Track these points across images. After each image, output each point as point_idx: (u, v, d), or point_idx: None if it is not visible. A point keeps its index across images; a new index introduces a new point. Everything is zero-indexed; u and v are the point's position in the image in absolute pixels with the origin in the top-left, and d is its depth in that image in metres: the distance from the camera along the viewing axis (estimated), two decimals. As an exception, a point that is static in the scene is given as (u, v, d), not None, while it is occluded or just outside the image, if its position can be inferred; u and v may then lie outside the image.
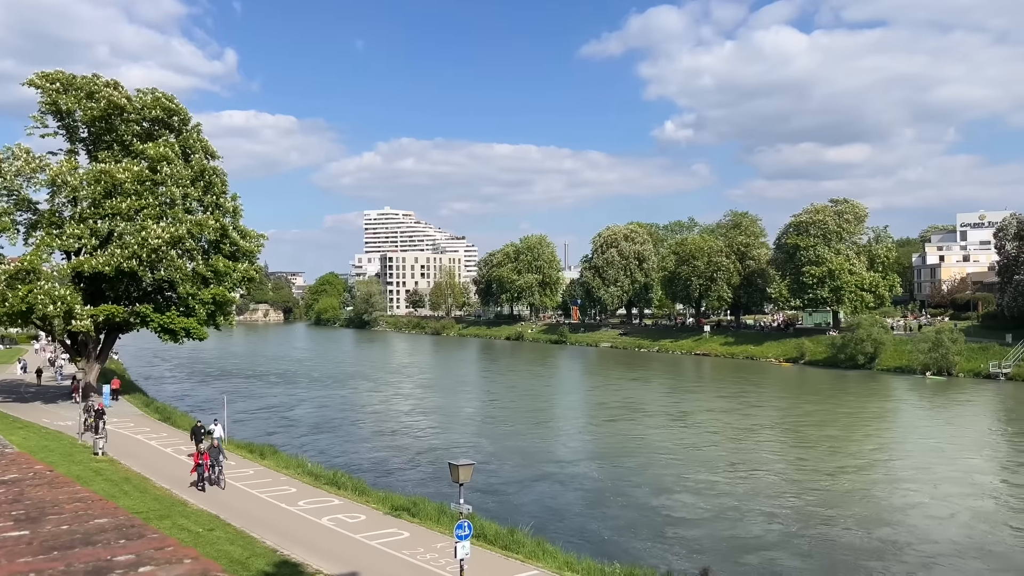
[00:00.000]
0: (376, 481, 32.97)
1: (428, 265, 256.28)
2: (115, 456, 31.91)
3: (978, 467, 38.09)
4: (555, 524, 27.32)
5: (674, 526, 28.34)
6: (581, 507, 31.11)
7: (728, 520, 29.02)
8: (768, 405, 60.34)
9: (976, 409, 57.27)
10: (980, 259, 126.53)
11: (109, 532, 8.25)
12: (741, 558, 24.80)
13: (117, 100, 46.66)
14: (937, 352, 73.74)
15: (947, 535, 27.32)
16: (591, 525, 28.47)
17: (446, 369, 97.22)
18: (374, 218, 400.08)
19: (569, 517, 29.50)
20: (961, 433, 48.11)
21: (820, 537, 27.05)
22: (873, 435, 47.81)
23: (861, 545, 26.18)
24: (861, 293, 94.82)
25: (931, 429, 49.74)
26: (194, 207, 49.02)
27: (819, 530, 27.83)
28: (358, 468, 36.66)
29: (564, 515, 29.73)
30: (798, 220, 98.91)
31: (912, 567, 24.14)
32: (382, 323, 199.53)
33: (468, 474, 15.99)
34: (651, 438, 46.54)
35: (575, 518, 29.49)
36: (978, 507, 30.93)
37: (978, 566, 24.29)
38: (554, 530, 25.26)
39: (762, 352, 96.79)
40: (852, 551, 25.55)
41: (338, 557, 20.08)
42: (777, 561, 24.70)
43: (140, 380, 69.07)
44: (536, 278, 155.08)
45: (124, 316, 46.88)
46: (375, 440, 46.16)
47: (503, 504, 30.21)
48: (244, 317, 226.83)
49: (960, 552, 25.51)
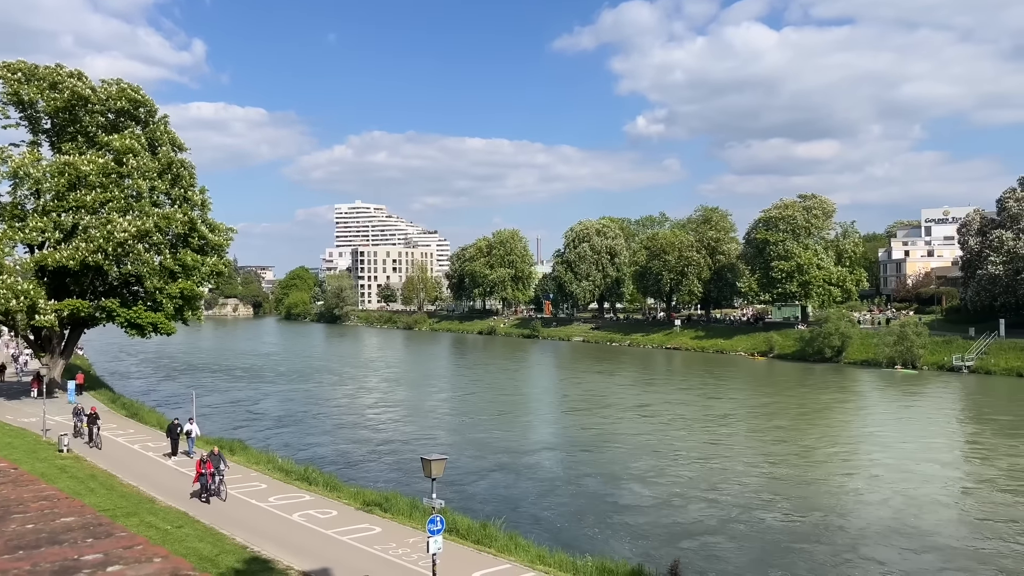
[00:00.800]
0: (341, 473, 32.96)
1: (400, 259, 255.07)
2: (81, 453, 31.43)
3: (918, 455, 39.08)
4: (507, 512, 27.69)
5: (619, 513, 29.11)
6: (534, 496, 31.73)
7: (671, 507, 29.99)
8: (726, 397, 61.16)
9: (931, 401, 58.30)
10: (944, 254, 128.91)
11: (76, 531, 8.08)
12: (679, 543, 25.52)
13: (81, 91, 45.85)
14: (902, 345, 75.03)
15: (876, 518, 28.37)
16: (542, 513, 29.15)
17: (416, 364, 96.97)
18: (345, 212, 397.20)
19: (522, 505, 30.05)
20: (910, 424, 49.14)
21: (756, 522, 28.01)
22: (822, 426, 48.77)
23: (794, 529, 27.29)
24: (829, 287, 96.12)
25: (881, 420, 50.82)
26: (161, 200, 48.36)
27: (756, 515, 28.78)
28: (324, 461, 36.66)
29: (517, 503, 30.31)
30: (767, 215, 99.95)
31: (839, 548, 25.08)
32: (353, 318, 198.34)
33: (440, 469, 15.95)
34: (608, 429, 47.19)
35: (528, 506, 30.05)
36: (911, 492, 32.06)
37: (901, 545, 25.36)
38: (506, 518, 25.70)
39: (732, 346, 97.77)
40: (785, 534, 26.61)
41: (309, 553, 19.96)
42: (713, 545, 25.53)
43: (106, 376, 68.01)
44: (508, 272, 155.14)
45: (89, 311, 46.13)
46: (341, 434, 45.99)
47: (459, 493, 30.66)
48: (213, 312, 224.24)
49: (886, 534, 26.57)
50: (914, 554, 24.55)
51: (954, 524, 27.91)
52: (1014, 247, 75.04)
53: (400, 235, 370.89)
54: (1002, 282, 75.60)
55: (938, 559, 24.23)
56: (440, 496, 16.09)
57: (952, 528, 27.40)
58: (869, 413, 54.28)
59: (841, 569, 23.28)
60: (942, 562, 23.96)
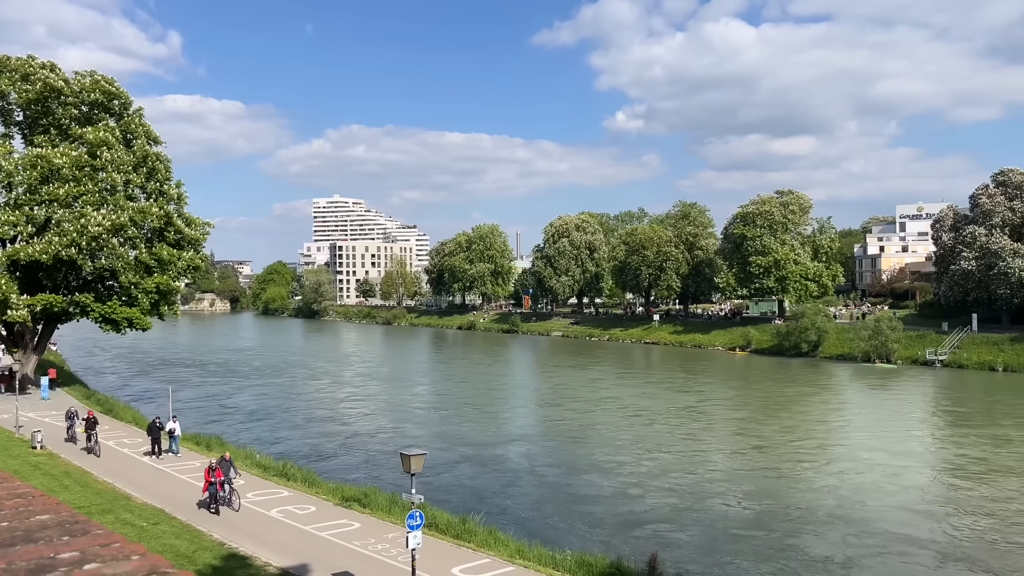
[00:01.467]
0: (315, 467, 32.90)
1: (379, 254, 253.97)
2: (55, 450, 31.05)
3: (876, 446, 39.99)
4: (472, 503, 28.24)
5: (578, 503, 29.77)
6: (497, 487, 32.33)
7: (628, 497, 30.75)
8: (695, 391, 61.75)
9: (900, 395, 59.09)
10: (918, 250, 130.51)
11: (52, 529, 7.95)
12: (632, 531, 26.35)
13: (54, 83, 45.17)
14: (877, 340, 75.93)
15: (823, 505, 29.40)
16: (504, 502, 29.70)
17: (393, 359, 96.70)
18: (323, 206, 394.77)
19: (487, 496, 30.48)
20: (873, 417, 49.97)
21: (708, 510, 28.90)
22: (785, 418, 49.49)
23: (743, 516, 28.24)
24: (805, 283, 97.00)
25: (846, 412, 51.73)
26: (136, 194, 47.81)
27: (708, 504, 29.69)
28: (297, 455, 36.71)
29: (481, 494, 30.76)
30: (745, 211, 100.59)
31: (784, 534, 26.04)
32: (332, 313, 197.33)
33: (420, 464, 15.92)
34: (576, 422, 47.88)
35: (491, 497, 30.51)
36: (860, 481, 33.11)
37: (843, 531, 26.28)
38: (470, 507, 26.63)
39: (709, 341, 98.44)
40: (734, 522, 27.52)
41: (288, 549, 19.86)
42: (663, 533, 26.32)
43: (80, 371, 67.19)
44: (488, 267, 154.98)
45: (63, 306, 45.53)
46: (315, 428, 45.89)
47: (424, 485, 30.60)
48: (189, 307, 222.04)
49: (829, 520, 27.52)
50: (855, 539, 25.51)
51: (897, 511, 28.73)
52: (986, 243, 76.11)
53: (379, 230, 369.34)
54: (974, 277, 76.67)
55: (877, 543, 25.10)
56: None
57: (894, 514, 28.26)
58: (835, 406, 55.15)
59: (784, 553, 24.18)
60: (880, 546, 24.79)
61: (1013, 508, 28.94)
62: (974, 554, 24.13)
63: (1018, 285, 73.46)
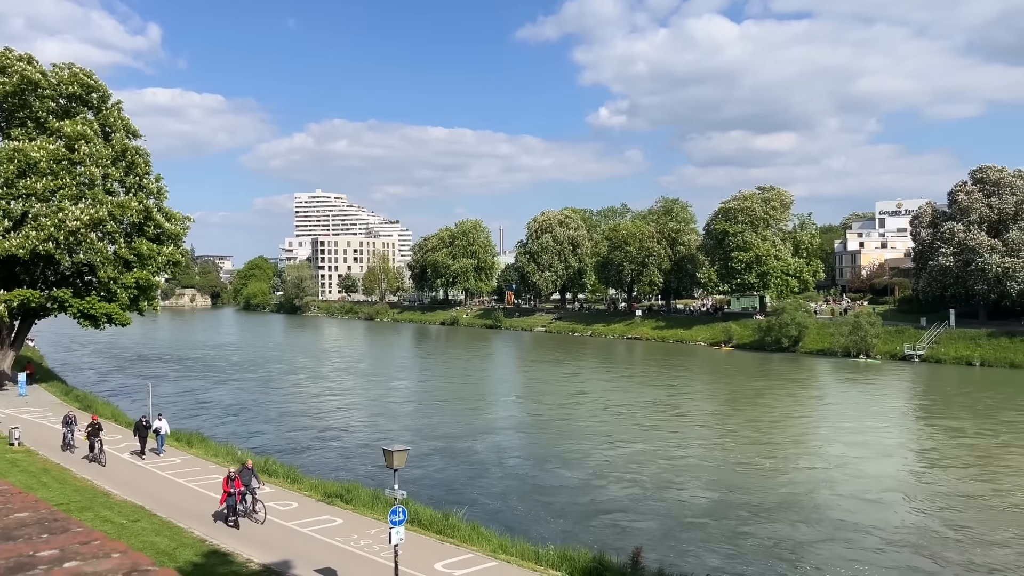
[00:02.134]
0: (292, 461, 32.94)
1: (361, 249, 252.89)
2: (32, 446, 30.70)
3: (840, 439, 40.88)
4: (440, 494, 28.61)
5: (541, 493, 30.48)
6: (465, 478, 32.95)
7: (592, 487, 31.56)
8: (664, 384, 62.40)
9: (873, 389, 59.88)
10: (897, 246, 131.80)
11: (31, 526, 7.67)
12: (592, 520, 27.16)
13: (31, 75, 44.54)
14: (856, 335, 76.64)
15: (777, 494, 30.40)
16: (471, 493, 30.20)
17: (375, 355, 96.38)
18: (305, 201, 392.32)
19: (455, 487, 30.90)
20: (842, 410, 50.79)
21: (667, 499, 29.77)
22: (751, 410, 50.43)
23: (699, 505, 29.16)
24: (786, 278, 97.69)
25: (815, 406, 52.70)
26: (115, 188, 47.26)
27: (668, 494, 30.57)
28: (273, 449, 36.84)
29: (450, 485, 31.21)
30: (727, 207, 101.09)
31: (737, 521, 26.97)
32: (314, 308, 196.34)
33: (403, 460, 15.92)
34: (548, 416, 48.78)
35: (460, 488, 31.00)
36: (815, 471, 34.36)
37: (792, 518, 27.33)
38: (439, 498, 27.16)
39: (691, 336, 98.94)
40: (690, 511, 28.41)
41: (269, 545, 19.77)
42: (621, 521, 27.03)
43: (58, 367, 66.45)
44: (471, 263, 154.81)
45: (40, 301, 44.97)
46: (291, 423, 45.92)
47: (346, 459, 32.82)
48: (169, 302, 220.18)
49: (780, 509, 28.47)
50: (805, 526, 26.49)
51: (847, 500, 29.63)
52: (964, 239, 76.99)
53: (361, 225, 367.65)
54: (952, 273, 77.56)
55: (823, 531, 26.05)
56: (377, 479, 16.15)
57: (845, 503, 29.19)
58: (805, 399, 55.98)
59: (733, 540, 25.08)
60: (826, 534, 25.74)
61: (962, 498, 29.96)
62: (917, 540, 25.08)
63: (995, 281, 74.38)
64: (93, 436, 28.48)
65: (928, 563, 23.15)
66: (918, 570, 22.76)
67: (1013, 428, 43.10)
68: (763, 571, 22.52)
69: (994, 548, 24.21)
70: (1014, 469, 34.38)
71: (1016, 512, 28.12)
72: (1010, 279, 73.63)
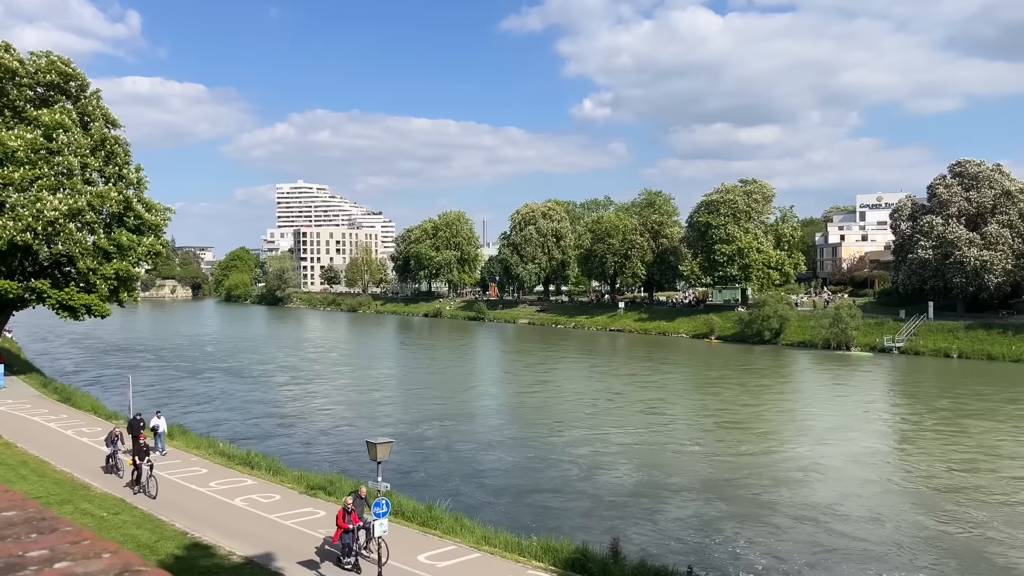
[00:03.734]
0: (274, 453, 32.79)
1: (344, 241, 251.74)
2: (11, 439, 30.37)
3: (784, 423, 43.21)
4: (388, 476, 29.02)
5: (481, 475, 31.88)
6: (415, 461, 33.78)
7: (531, 469, 32.83)
8: (649, 377, 62.78)
9: (846, 380, 60.53)
10: (877, 239, 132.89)
11: (19, 526, 7.52)
12: (522, 499, 28.43)
13: (8, 63, 43.89)
14: (837, 327, 77.31)
15: (703, 474, 32.16)
16: (418, 475, 31.52)
17: (357, 347, 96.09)
18: (287, 192, 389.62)
19: (403, 470, 31.26)
20: (802, 399, 52.46)
21: (596, 481, 30.84)
22: (699, 399, 52.19)
23: (626, 485, 30.45)
24: (768, 271, 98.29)
25: (770, 395, 53.66)
26: (94, 178, 46.73)
27: (598, 476, 31.65)
28: (258, 442, 36.49)
29: (399, 468, 31.29)
30: (709, 199, 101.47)
31: (657, 500, 28.32)
32: (296, 300, 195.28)
33: (386, 452, 15.92)
34: (503, 403, 50.45)
35: (409, 471, 31.74)
36: (742, 452, 36.22)
37: (708, 496, 28.93)
38: (390, 480, 27.67)
39: (674, 328, 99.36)
40: (615, 491, 29.48)
41: (251, 538, 19.72)
42: (544, 501, 28.22)
43: (36, 359, 65.72)
44: (455, 255, 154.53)
45: (18, 292, 44.46)
46: (272, 415, 45.69)
47: (352, 460, 32.77)
48: (150, 293, 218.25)
49: (703, 488, 30.04)
50: (724, 504, 27.79)
51: (759, 478, 31.30)
52: (943, 232, 77.77)
53: (344, 216, 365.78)
54: (931, 266, 78.36)
55: (736, 508, 27.33)
56: (336, 463, 16.21)
57: (758, 481, 30.88)
58: (754, 388, 56.56)
59: (652, 518, 26.49)
60: (739, 510, 27.07)
61: (900, 484, 30.98)
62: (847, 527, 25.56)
63: (973, 274, 75.25)
64: (140, 457, 23.67)
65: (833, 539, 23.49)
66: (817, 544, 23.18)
67: (992, 417, 43.77)
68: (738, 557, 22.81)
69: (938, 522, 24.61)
70: (988, 456, 34.93)
71: (987, 497, 28.58)
72: (988, 272, 74.52)
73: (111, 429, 27.26)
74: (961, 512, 26.60)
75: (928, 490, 29.78)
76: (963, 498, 28.24)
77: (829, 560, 22.65)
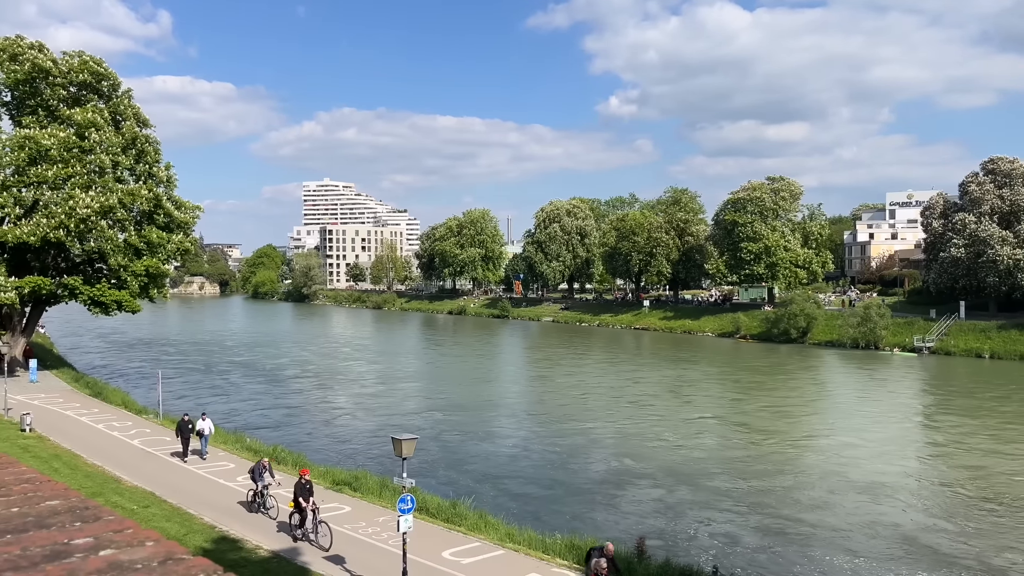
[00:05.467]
0: (299, 447, 33.29)
1: (369, 238, 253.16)
2: (44, 432, 30.95)
3: (806, 425, 42.76)
4: (413, 472, 29.59)
5: (505, 473, 32.03)
6: (439, 458, 33.92)
7: (553, 467, 33.13)
8: (651, 372, 62.80)
9: (872, 380, 59.61)
10: (907, 237, 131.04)
11: (63, 514, 7.82)
12: (546, 496, 28.78)
13: (42, 63, 44.68)
14: (865, 327, 76.35)
15: (669, 461, 33.47)
16: (443, 471, 31.75)
17: (382, 344, 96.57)
18: (313, 189, 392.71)
19: (427, 467, 31.58)
20: (834, 402, 51.25)
21: (622, 481, 30.92)
22: (702, 396, 52.02)
23: (650, 485, 30.35)
24: (795, 269, 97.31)
25: (793, 395, 53.12)
26: (125, 176, 47.46)
27: (625, 475, 31.77)
28: (279, 436, 37.07)
29: (424, 465, 31.58)
30: (736, 197, 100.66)
31: (686, 501, 28.22)
32: (322, 297, 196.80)
33: (411, 448, 15.98)
34: (528, 401, 51.03)
35: (433, 467, 31.95)
36: (702, 442, 38.05)
37: (671, 482, 30.38)
38: (376, 466, 29.52)
39: (699, 327, 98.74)
40: (641, 492, 29.49)
41: (278, 533, 19.92)
42: (568, 498, 28.47)
43: (67, 353, 66.85)
44: (479, 252, 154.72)
45: (51, 288, 45.27)
46: (299, 411, 46.21)
47: (378, 455, 33.38)
48: (179, 290, 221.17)
49: (663, 473, 31.61)
50: (691, 490, 29.14)
51: (714, 463, 33.01)
52: (975, 231, 76.51)
53: (369, 213, 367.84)
54: (963, 264, 77.11)
55: (698, 495, 28.44)
56: (362, 459, 16.29)
57: (707, 465, 32.51)
58: (795, 389, 55.95)
59: (613, 502, 27.75)
60: (691, 495, 28.56)
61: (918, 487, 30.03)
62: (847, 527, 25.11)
63: (1006, 273, 73.96)
64: (304, 498, 19.36)
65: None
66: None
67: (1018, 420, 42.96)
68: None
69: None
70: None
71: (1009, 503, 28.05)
72: (1021, 271, 73.17)
73: (257, 462, 22.38)
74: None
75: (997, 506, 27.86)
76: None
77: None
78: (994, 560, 22.51)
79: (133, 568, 4.66)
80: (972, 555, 22.86)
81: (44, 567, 5.36)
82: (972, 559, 22.56)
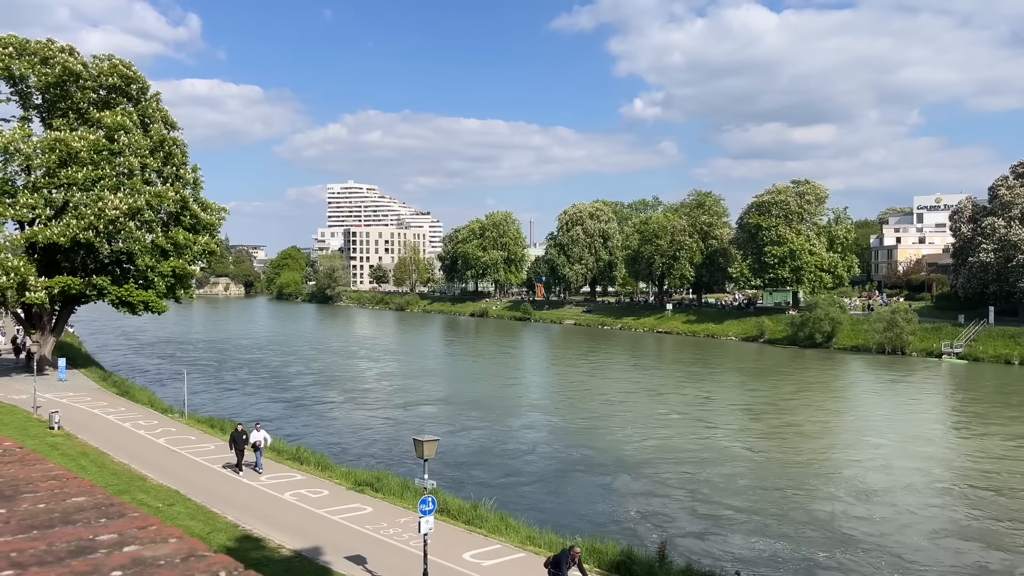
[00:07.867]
0: (324, 449, 33.45)
1: (392, 240, 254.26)
2: (72, 430, 31.41)
3: (751, 425, 43.00)
4: (434, 473, 30.21)
5: (527, 475, 32.22)
6: (461, 459, 34.18)
7: (576, 470, 33.12)
8: (675, 376, 62.15)
9: (899, 385, 58.75)
10: (935, 241, 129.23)
11: (88, 511, 7.88)
12: (568, 499, 28.95)
13: (72, 66, 45.36)
14: (892, 332, 75.34)
15: (667, 469, 33.40)
16: (464, 472, 31.92)
17: (405, 345, 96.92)
18: (338, 192, 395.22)
19: (449, 468, 31.60)
20: (790, 395, 52.36)
21: (646, 485, 30.92)
22: (729, 401, 51.81)
23: (674, 489, 30.37)
24: (820, 273, 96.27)
25: (811, 396, 53.13)
26: (153, 178, 48.08)
27: (649, 481, 31.58)
28: (303, 436, 37.35)
29: (446, 466, 31.60)
30: (760, 200, 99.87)
31: (711, 506, 28.13)
32: (345, 298, 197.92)
33: (432, 450, 16.03)
34: (550, 404, 51.19)
35: (455, 469, 31.96)
36: (700, 439, 38.86)
37: (659, 476, 31.43)
38: (375, 459, 31.27)
39: (722, 330, 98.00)
40: (665, 497, 29.33)
41: (300, 532, 20.06)
42: (591, 502, 28.53)
43: (96, 353, 67.79)
44: (501, 255, 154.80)
45: (80, 288, 45.93)
46: (323, 412, 46.46)
47: (399, 456, 33.73)
48: (204, 291, 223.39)
49: (650, 464, 32.58)
50: (681, 487, 29.84)
51: (742, 467, 33.32)
52: (1006, 235, 75.32)
53: (392, 216, 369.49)
54: (993, 269, 75.93)
55: (724, 498, 28.46)
56: (383, 460, 16.33)
57: (735, 468, 32.80)
58: (815, 393, 55.54)
59: (602, 491, 29.08)
60: (669, 489, 29.43)
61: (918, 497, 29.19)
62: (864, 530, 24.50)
63: (1036, 278, 72.69)
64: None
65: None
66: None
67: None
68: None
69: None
70: None
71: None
72: (1052, 276, 71.92)
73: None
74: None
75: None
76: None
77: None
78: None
79: (155, 564, 4.73)
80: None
81: (69, 562, 5.43)
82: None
